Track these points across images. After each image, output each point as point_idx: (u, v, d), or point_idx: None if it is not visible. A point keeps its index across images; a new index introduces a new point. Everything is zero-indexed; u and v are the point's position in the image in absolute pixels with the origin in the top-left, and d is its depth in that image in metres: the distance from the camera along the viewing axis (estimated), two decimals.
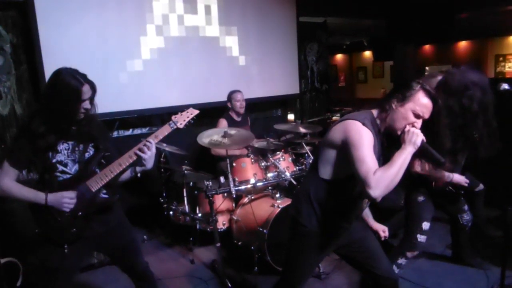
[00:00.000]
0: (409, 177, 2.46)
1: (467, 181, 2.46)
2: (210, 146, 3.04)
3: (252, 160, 3.38)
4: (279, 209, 3.04)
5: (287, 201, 3.13)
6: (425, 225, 2.51)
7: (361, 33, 8.48)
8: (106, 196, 2.06)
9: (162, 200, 3.73)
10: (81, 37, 3.65)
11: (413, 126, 1.68)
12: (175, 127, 2.13)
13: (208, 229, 3.34)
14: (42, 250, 1.96)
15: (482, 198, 3.24)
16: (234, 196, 3.21)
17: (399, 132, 1.70)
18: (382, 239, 2.12)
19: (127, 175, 2.11)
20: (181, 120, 2.15)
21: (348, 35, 8.95)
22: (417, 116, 1.68)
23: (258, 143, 3.57)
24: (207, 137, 3.02)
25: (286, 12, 5.21)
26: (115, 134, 4.04)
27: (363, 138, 1.63)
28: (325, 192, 1.81)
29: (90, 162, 2.03)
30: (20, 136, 1.94)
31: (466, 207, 2.83)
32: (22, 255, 2.45)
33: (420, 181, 2.46)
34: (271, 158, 3.38)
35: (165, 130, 2.10)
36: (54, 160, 1.94)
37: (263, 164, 3.40)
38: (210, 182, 3.14)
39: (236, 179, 3.23)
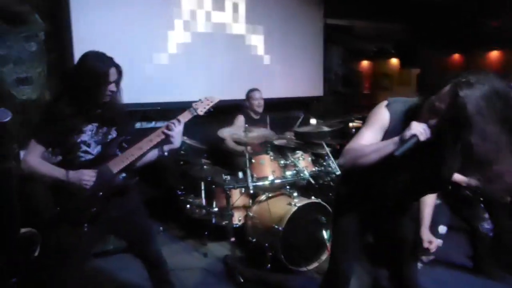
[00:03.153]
0: None
1: (465, 180, 2.38)
2: (230, 139, 3.05)
3: (271, 158, 3.37)
4: (296, 207, 3.01)
5: (304, 200, 3.11)
6: (441, 229, 2.47)
7: (388, 40, 8.37)
8: (125, 178, 2.09)
9: (179, 193, 3.76)
10: (110, 28, 3.74)
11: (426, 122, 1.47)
12: (195, 113, 2.16)
13: (223, 223, 3.34)
14: (59, 230, 2.01)
15: (505, 207, 3.13)
16: (251, 192, 3.21)
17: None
18: (426, 249, 1.96)
19: (154, 154, 2.13)
20: (201, 107, 2.17)
21: (374, 41, 8.85)
22: (435, 114, 1.43)
23: (278, 141, 3.56)
24: (228, 132, 3.04)
25: (313, 14, 5.20)
26: (137, 125, 4.11)
27: (374, 117, 1.61)
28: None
29: (112, 144, 2.07)
30: (46, 115, 1.99)
31: (486, 215, 2.75)
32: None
33: None
34: (290, 157, 3.36)
35: (186, 116, 2.14)
36: (78, 140, 1.99)
37: (282, 162, 3.39)
38: (228, 177, 3.15)
39: (255, 175, 3.23)
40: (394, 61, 11.20)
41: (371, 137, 1.59)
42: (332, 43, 5.79)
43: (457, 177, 2.35)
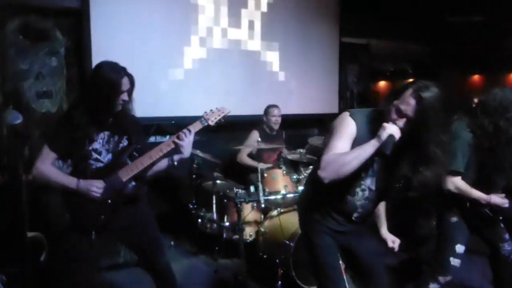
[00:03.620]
0: (441, 196, 2.36)
1: (506, 201, 2.28)
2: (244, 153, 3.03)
3: (284, 172, 3.33)
4: None
5: None
6: (459, 248, 2.35)
7: (405, 59, 8.32)
8: (134, 187, 2.10)
9: (191, 207, 3.74)
10: (128, 44, 3.84)
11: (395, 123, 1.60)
12: (206, 123, 2.17)
13: (234, 238, 3.29)
14: (68, 238, 2.01)
15: None
16: (263, 206, 3.17)
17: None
18: (390, 249, 2.06)
19: (164, 164, 2.15)
20: (212, 118, 2.18)
21: (392, 61, 8.81)
22: (400, 114, 1.58)
23: (290, 155, 3.53)
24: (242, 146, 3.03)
25: (328, 31, 5.23)
26: (151, 139, 4.15)
27: (342, 126, 1.66)
28: (318, 185, 1.73)
29: (123, 153, 2.09)
30: (61, 123, 2.04)
31: (507, 236, 2.62)
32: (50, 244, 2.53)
33: (453, 200, 2.34)
34: (303, 172, 3.32)
35: (197, 126, 2.15)
36: (90, 148, 2.02)
37: (294, 177, 3.35)
38: (240, 190, 3.12)
39: (266, 189, 3.19)
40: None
41: (343, 147, 1.62)
42: (348, 61, 5.79)
43: (476, 193, 2.26)
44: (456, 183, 2.24)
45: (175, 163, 2.14)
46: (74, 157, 2.04)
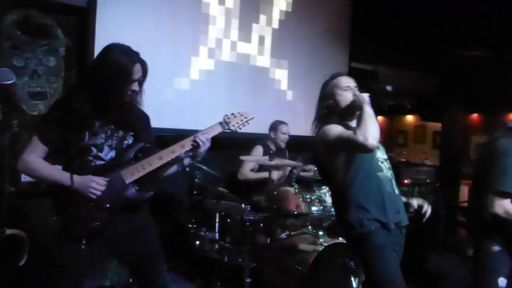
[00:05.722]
0: (481, 221, 2.12)
1: None
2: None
3: (296, 191, 3.06)
4: (322, 247, 2.66)
5: (331, 240, 2.75)
6: (502, 282, 2.08)
7: (408, 93, 8.27)
8: (138, 191, 1.80)
9: (190, 226, 3.41)
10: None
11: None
12: (227, 127, 1.94)
13: (239, 260, 2.96)
14: (55, 241, 1.69)
15: None
16: (271, 227, 2.87)
17: (352, 110, 2.03)
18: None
19: (173, 168, 1.89)
20: (233, 122, 1.96)
21: (393, 93, 8.77)
22: (347, 88, 2.09)
23: (303, 173, 3.27)
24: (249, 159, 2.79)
25: (338, 55, 5.11)
26: None
27: (329, 129, 1.96)
28: (346, 194, 1.94)
29: (127, 151, 1.82)
30: (56, 111, 1.75)
31: None
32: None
33: (495, 226, 2.08)
34: (317, 191, 3.05)
35: (216, 129, 1.92)
36: (90, 142, 1.73)
37: (307, 196, 3.07)
38: (248, 207, 2.84)
39: (276, 209, 2.90)
40: (410, 117, 11.09)
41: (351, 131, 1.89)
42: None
43: None
44: (506, 206, 1.99)
45: (187, 169, 1.89)
46: (70, 152, 1.75)
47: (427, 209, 2.04)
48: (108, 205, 1.72)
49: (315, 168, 3.31)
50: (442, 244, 4.61)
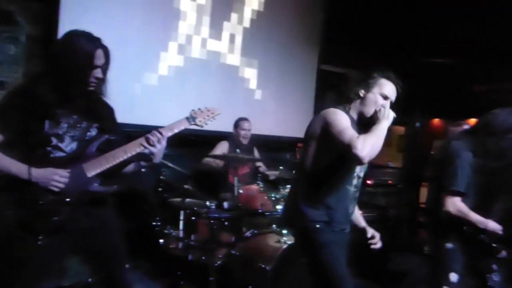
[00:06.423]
0: (437, 220, 2.22)
1: (501, 228, 2.18)
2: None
3: (261, 189, 3.07)
4: (286, 245, 2.69)
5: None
6: (453, 277, 2.20)
7: None
8: (101, 186, 1.75)
9: (155, 224, 3.35)
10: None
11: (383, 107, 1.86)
12: (193, 123, 1.92)
13: (203, 258, 2.93)
14: (12, 236, 1.61)
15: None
16: (236, 225, 2.87)
17: (369, 115, 1.87)
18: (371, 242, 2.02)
19: (130, 167, 1.85)
20: (200, 117, 1.94)
21: None
22: (385, 98, 1.89)
23: (268, 172, 3.29)
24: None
25: (308, 57, 5.18)
26: None
27: (339, 116, 1.82)
28: (312, 184, 1.88)
29: (90, 143, 1.76)
30: (14, 98, 1.66)
31: (495, 266, 2.50)
32: None
33: (450, 225, 2.20)
34: (282, 190, 3.08)
35: (181, 125, 1.90)
36: (50, 132, 1.67)
37: (272, 195, 3.09)
38: (213, 206, 2.82)
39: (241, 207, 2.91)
40: None
41: (353, 130, 1.75)
42: (326, 89, 5.76)
43: (475, 216, 2.13)
44: (456, 204, 2.10)
45: (143, 169, 1.85)
46: (27, 143, 1.66)
47: (377, 241, 2.01)
48: (68, 199, 1.66)
49: (281, 168, 3.35)
50: (404, 244, 4.76)
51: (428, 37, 5.38)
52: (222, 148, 3.69)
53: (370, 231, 2.03)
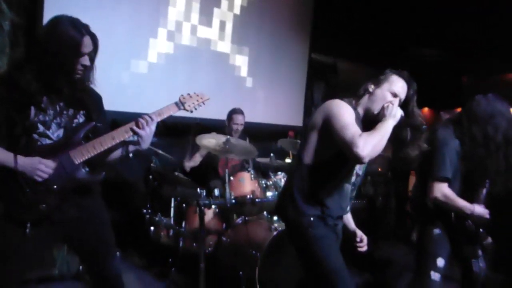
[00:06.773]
0: (423, 207, 2.25)
1: (487, 212, 2.21)
2: (208, 150, 2.77)
3: (252, 176, 3.07)
4: (276, 231, 2.71)
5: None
6: (440, 262, 2.23)
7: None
8: (89, 173, 1.74)
9: (145, 212, 3.34)
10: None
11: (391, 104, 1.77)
12: (182, 108, 1.91)
13: (194, 245, 2.94)
14: None
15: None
16: (227, 213, 2.88)
17: (376, 112, 1.79)
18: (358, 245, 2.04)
19: (117, 153, 1.83)
20: (189, 102, 1.93)
21: (355, 87, 8.99)
22: (394, 95, 1.79)
23: (259, 159, 3.29)
24: (206, 139, 2.77)
25: (299, 45, 5.18)
26: None
27: (343, 109, 1.73)
28: (309, 178, 1.82)
29: (77, 130, 1.74)
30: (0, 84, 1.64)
31: (480, 252, 2.54)
32: None
33: (436, 212, 2.22)
34: (272, 177, 3.09)
35: (170, 110, 1.88)
36: (36, 119, 1.64)
37: (263, 182, 3.10)
38: (204, 192, 2.82)
39: (232, 193, 2.90)
40: None
41: (356, 126, 1.67)
42: (316, 78, 5.75)
43: (461, 202, 2.16)
44: (443, 190, 2.13)
45: (130, 154, 1.83)
46: (13, 131, 1.64)
47: (365, 245, 2.04)
48: (55, 187, 1.64)
49: (272, 155, 3.35)
50: (392, 233, 4.82)
51: (419, 28, 5.39)
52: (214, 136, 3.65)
53: (359, 234, 2.03)
